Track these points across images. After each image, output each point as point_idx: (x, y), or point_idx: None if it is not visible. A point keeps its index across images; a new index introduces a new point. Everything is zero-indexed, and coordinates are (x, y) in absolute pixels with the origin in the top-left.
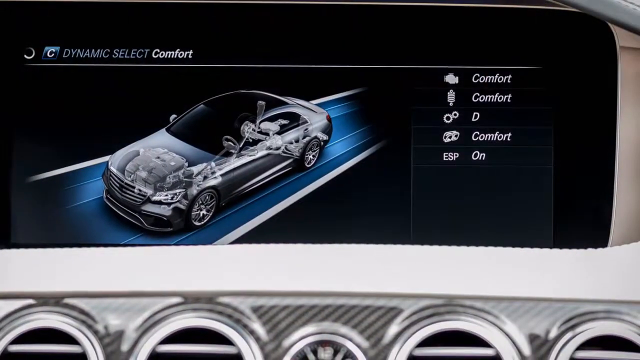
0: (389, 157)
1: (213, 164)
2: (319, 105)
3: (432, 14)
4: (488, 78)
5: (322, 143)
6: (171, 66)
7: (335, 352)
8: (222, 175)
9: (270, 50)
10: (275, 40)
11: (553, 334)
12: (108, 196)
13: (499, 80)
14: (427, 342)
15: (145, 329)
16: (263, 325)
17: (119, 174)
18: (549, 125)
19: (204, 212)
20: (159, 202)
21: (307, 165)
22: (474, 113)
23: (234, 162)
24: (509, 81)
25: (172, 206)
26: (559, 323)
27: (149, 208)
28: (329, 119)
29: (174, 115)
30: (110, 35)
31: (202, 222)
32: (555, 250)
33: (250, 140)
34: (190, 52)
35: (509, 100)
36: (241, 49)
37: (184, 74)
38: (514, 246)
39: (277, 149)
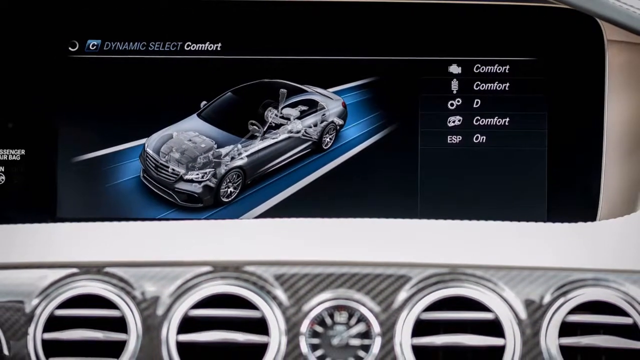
0: (399, 140)
1: (239, 145)
2: (335, 92)
3: (438, 10)
4: (488, 68)
5: (338, 127)
6: (201, 57)
7: (350, 316)
8: (247, 156)
9: (291, 43)
10: (296, 35)
11: (547, 299)
12: (144, 175)
13: (498, 70)
14: (433, 307)
15: (179, 295)
16: (285, 291)
17: (155, 155)
18: (543, 110)
19: (231, 189)
20: (191, 181)
21: (325, 147)
22: (475, 100)
23: (258, 144)
24: (507, 71)
25: (202, 184)
26: (552, 290)
27: (181, 186)
28: (344, 105)
29: (204, 102)
30: (147, 30)
31: (230, 199)
32: (549, 224)
33: (273, 125)
34: (219, 44)
35: (507, 89)
36: (265, 42)
37: (213, 64)
38: (511, 220)
39: (298, 132)
